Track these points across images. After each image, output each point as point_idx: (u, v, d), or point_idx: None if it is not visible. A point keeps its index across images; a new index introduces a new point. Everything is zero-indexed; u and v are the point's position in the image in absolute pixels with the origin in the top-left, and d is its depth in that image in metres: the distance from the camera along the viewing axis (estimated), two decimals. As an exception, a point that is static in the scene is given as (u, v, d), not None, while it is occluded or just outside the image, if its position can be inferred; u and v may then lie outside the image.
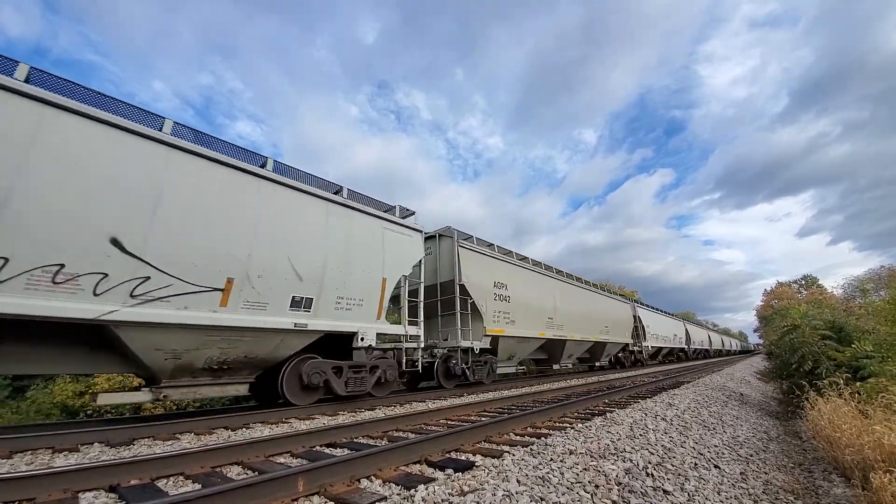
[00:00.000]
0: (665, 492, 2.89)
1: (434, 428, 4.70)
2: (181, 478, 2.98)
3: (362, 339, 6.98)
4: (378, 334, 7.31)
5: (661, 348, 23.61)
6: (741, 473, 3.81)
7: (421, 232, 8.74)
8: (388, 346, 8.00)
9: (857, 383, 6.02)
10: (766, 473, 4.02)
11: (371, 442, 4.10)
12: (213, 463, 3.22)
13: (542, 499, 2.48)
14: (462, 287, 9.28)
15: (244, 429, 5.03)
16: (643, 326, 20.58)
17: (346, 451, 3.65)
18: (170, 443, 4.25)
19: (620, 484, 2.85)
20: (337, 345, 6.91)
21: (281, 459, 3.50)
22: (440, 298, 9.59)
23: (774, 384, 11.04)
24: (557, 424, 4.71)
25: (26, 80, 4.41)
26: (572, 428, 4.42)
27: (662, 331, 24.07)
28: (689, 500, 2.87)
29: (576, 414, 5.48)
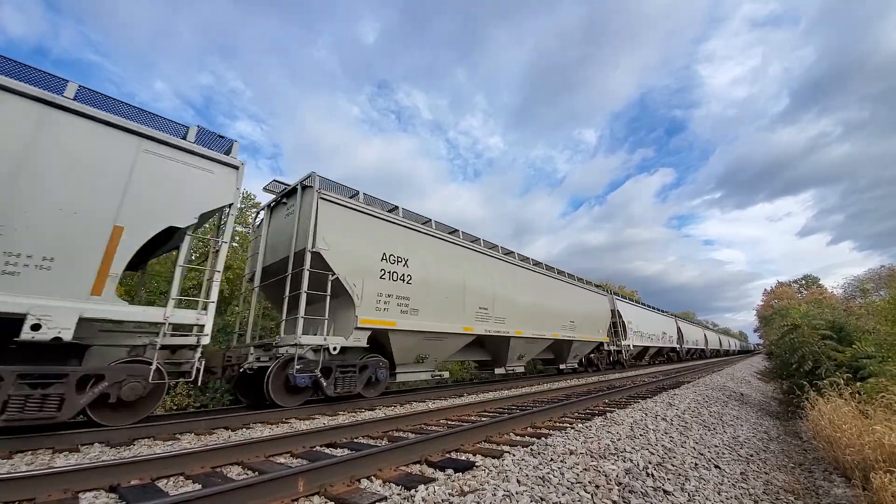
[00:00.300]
0: (665, 492, 2.89)
1: (434, 428, 4.70)
2: (181, 478, 2.98)
3: (34, 326, 4.09)
4: (90, 319, 4.47)
5: (646, 348, 20.78)
6: (741, 473, 3.81)
7: (236, 168, 5.90)
8: (140, 342, 5.10)
9: (858, 383, 6.02)
10: (766, 473, 4.02)
11: (371, 442, 4.10)
12: (214, 463, 3.22)
13: (542, 499, 2.48)
14: (317, 256, 6.49)
15: (244, 429, 5.03)
16: (624, 322, 17.77)
17: (346, 452, 3.65)
18: (170, 443, 4.25)
19: (621, 484, 2.85)
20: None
21: (281, 459, 3.49)
22: (291, 274, 6.68)
23: (774, 384, 11.03)
24: (557, 424, 4.71)
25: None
26: (572, 428, 4.42)
27: (648, 328, 21.12)
28: (689, 500, 2.87)
29: (576, 414, 5.48)
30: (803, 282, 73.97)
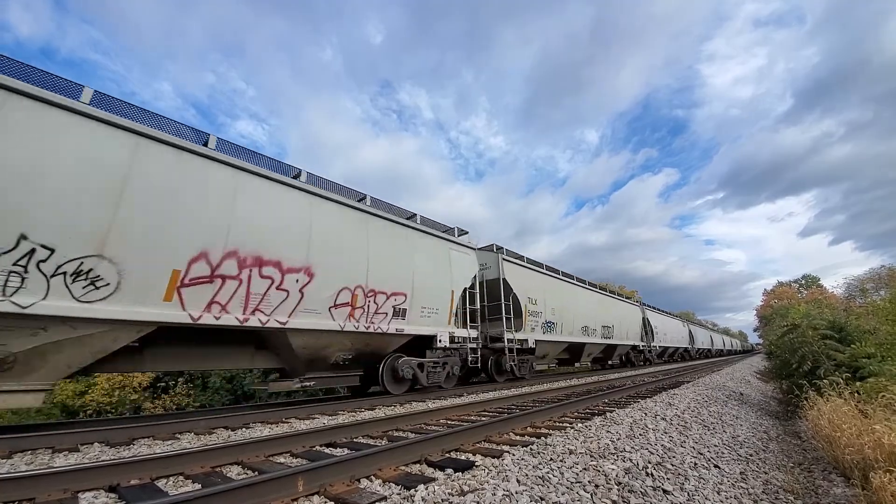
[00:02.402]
0: (665, 491, 2.89)
1: (434, 428, 4.70)
2: (181, 478, 2.98)
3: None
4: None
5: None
6: (741, 473, 3.81)
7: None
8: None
9: (857, 383, 6.02)
10: (765, 473, 4.02)
11: (371, 442, 4.10)
12: (213, 463, 3.22)
13: (541, 498, 2.48)
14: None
15: (244, 429, 5.03)
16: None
17: (346, 451, 3.65)
18: (170, 443, 4.25)
19: (620, 484, 2.85)
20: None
21: (281, 459, 3.49)
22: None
23: (774, 384, 11.03)
24: (557, 424, 4.71)
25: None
26: (572, 427, 4.42)
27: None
28: (688, 500, 2.87)
29: (576, 414, 5.47)
30: (803, 282, 74.02)
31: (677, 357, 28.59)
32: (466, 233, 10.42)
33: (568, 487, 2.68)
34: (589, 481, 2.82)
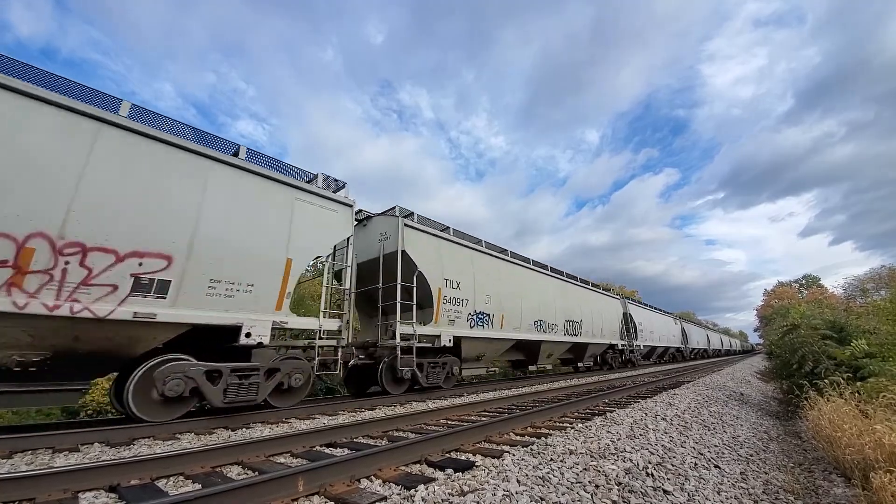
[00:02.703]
0: (665, 491, 2.89)
1: (434, 428, 4.70)
2: (181, 478, 2.98)
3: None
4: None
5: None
6: (741, 473, 3.81)
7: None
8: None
9: (858, 383, 6.02)
10: (766, 473, 4.02)
11: (371, 442, 4.10)
12: (213, 463, 3.22)
13: (542, 499, 2.48)
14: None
15: (244, 429, 5.03)
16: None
17: (346, 451, 3.65)
18: (170, 443, 4.25)
19: (620, 484, 2.85)
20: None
21: (281, 459, 3.49)
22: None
23: (774, 384, 11.03)
24: (557, 424, 4.71)
25: None
26: (572, 428, 4.42)
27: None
28: (689, 500, 2.87)
29: (576, 414, 5.48)
30: (804, 282, 74.01)
31: (668, 358, 26.03)
32: (343, 185, 7.72)
33: (568, 488, 2.68)
34: (589, 481, 2.82)
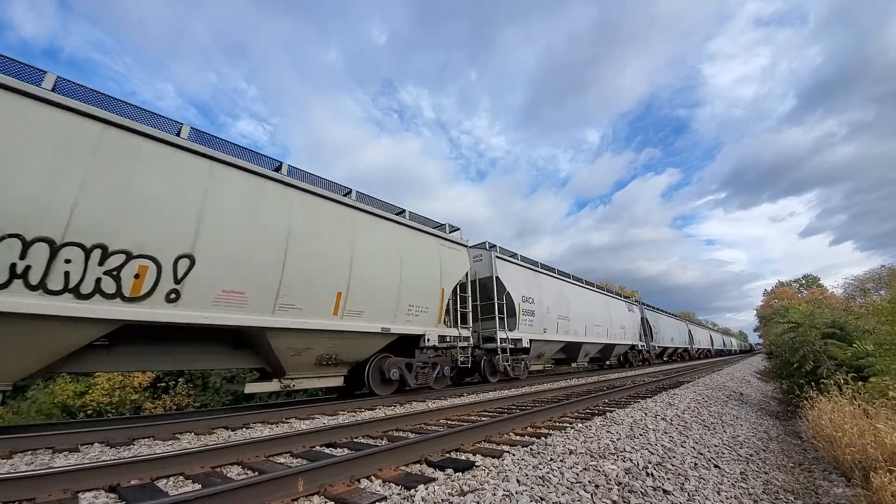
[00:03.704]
0: (665, 491, 2.89)
1: (434, 428, 4.69)
2: (181, 478, 2.98)
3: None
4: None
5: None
6: (741, 473, 3.81)
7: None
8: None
9: (859, 383, 6.01)
10: (766, 473, 4.02)
11: (371, 442, 4.10)
12: (213, 463, 3.22)
13: (541, 499, 2.48)
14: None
15: (244, 429, 5.03)
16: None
17: (346, 451, 3.65)
18: (170, 443, 4.25)
19: (620, 484, 2.85)
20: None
21: (281, 459, 3.49)
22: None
23: (774, 384, 11.03)
24: (557, 424, 4.71)
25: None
26: (572, 427, 4.42)
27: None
28: (689, 500, 2.87)
29: (576, 414, 5.47)
30: (804, 282, 74.03)
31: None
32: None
33: (568, 487, 2.68)
34: (589, 481, 2.82)
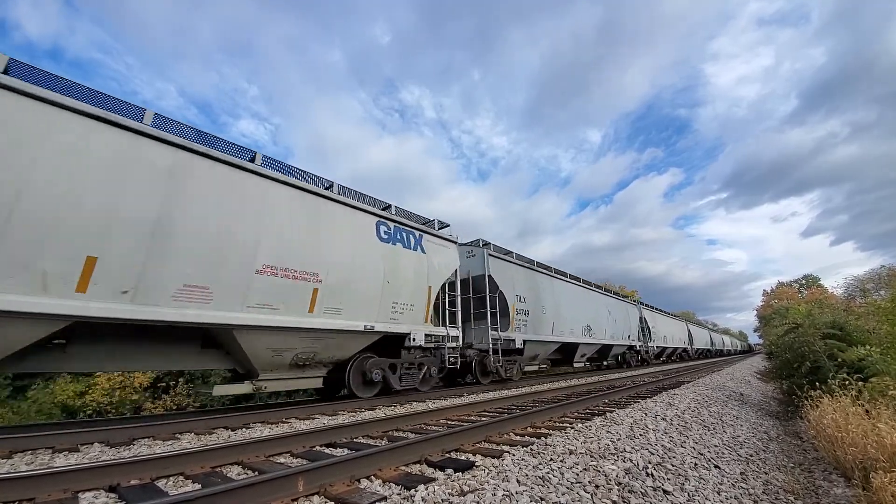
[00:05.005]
0: (665, 492, 2.89)
1: (434, 428, 4.69)
2: (181, 478, 2.98)
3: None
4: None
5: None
6: (741, 473, 3.81)
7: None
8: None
9: (860, 383, 6.01)
10: (766, 473, 4.02)
11: (371, 442, 4.10)
12: (213, 463, 3.22)
13: (541, 499, 2.48)
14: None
15: (244, 429, 5.03)
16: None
17: (346, 451, 3.65)
18: (170, 443, 4.25)
19: (620, 484, 2.85)
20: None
21: (281, 459, 3.49)
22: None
23: (774, 384, 11.03)
24: (557, 424, 4.71)
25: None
26: (572, 428, 4.42)
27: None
28: (689, 500, 2.87)
29: (576, 414, 5.47)
30: (804, 282, 74.03)
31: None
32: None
33: (568, 488, 2.68)
34: (589, 481, 2.82)
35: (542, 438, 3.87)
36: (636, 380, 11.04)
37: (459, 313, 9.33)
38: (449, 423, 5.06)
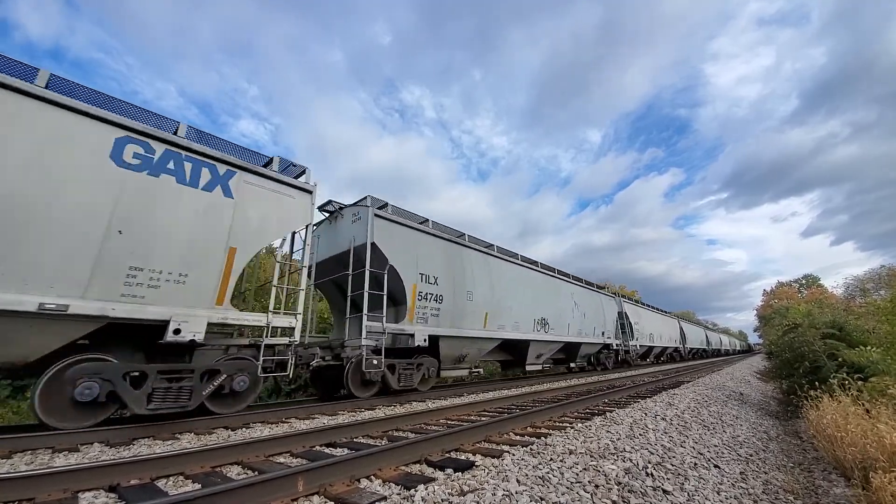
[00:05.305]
0: (665, 491, 2.89)
1: (434, 428, 4.70)
2: (181, 478, 2.98)
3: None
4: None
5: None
6: (741, 473, 3.81)
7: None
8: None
9: (859, 382, 6.02)
10: (765, 473, 4.02)
11: (371, 442, 4.10)
12: (213, 463, 3.22)
13: (541, 498, 2.48)
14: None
15: (244, 428, 5.03)
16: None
17: (346, 451, 3.65)
18: (170, 443, 4.25)
19: (620, 484, 2.85)
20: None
21: (281, 459, 3.50)
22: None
23: (774, 384, 11.04)
24: (557, 424, 4.71)
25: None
26: (572, 427, 4.42)
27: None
28: (688, 500, 2.87)
29: (576, 413, 5.48)
30: (804, 282, 74.07)
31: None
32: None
33: (568, 487, 2.68)
34: (589, 481, 2.82)
35: (542, 438, 3.87)
36: (636, 380, 11.04)
37: (303, 294, 6.48)
38: (449, 422, 5.06)
